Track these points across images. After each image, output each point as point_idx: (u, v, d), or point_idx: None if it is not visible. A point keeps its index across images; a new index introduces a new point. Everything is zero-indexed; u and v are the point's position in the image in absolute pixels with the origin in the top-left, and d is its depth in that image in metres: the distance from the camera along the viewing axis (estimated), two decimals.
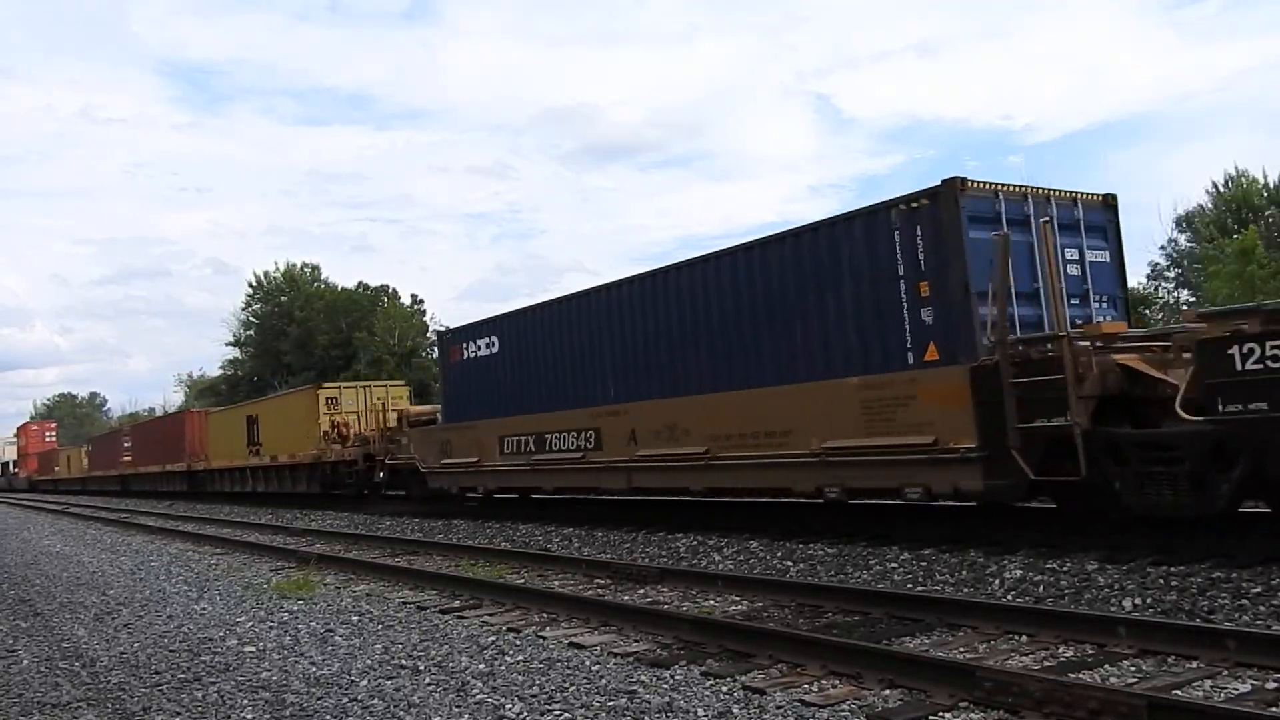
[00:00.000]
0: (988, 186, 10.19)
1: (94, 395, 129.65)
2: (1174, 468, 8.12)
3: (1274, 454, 7.41)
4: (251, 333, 70.85)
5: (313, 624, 8.47)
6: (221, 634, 8.24)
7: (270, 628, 8.42)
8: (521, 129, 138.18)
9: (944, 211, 9.89)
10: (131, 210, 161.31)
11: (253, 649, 7.54)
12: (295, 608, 9.41)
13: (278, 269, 70.37)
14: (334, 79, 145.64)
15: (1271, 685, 5.11)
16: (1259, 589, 7.07)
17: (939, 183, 10.05)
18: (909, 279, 10.20)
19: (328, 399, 26.00)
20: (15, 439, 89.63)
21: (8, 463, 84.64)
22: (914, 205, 10.16)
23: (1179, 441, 8.07)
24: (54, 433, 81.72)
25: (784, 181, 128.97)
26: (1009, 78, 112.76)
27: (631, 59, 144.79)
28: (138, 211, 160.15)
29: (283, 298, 68.46)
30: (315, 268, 70.88)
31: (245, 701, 6.01)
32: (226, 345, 73.89)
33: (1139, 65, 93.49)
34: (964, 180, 9.98)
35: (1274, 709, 4.74)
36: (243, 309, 71.42)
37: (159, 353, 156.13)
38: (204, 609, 9.67)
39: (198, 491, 35.46)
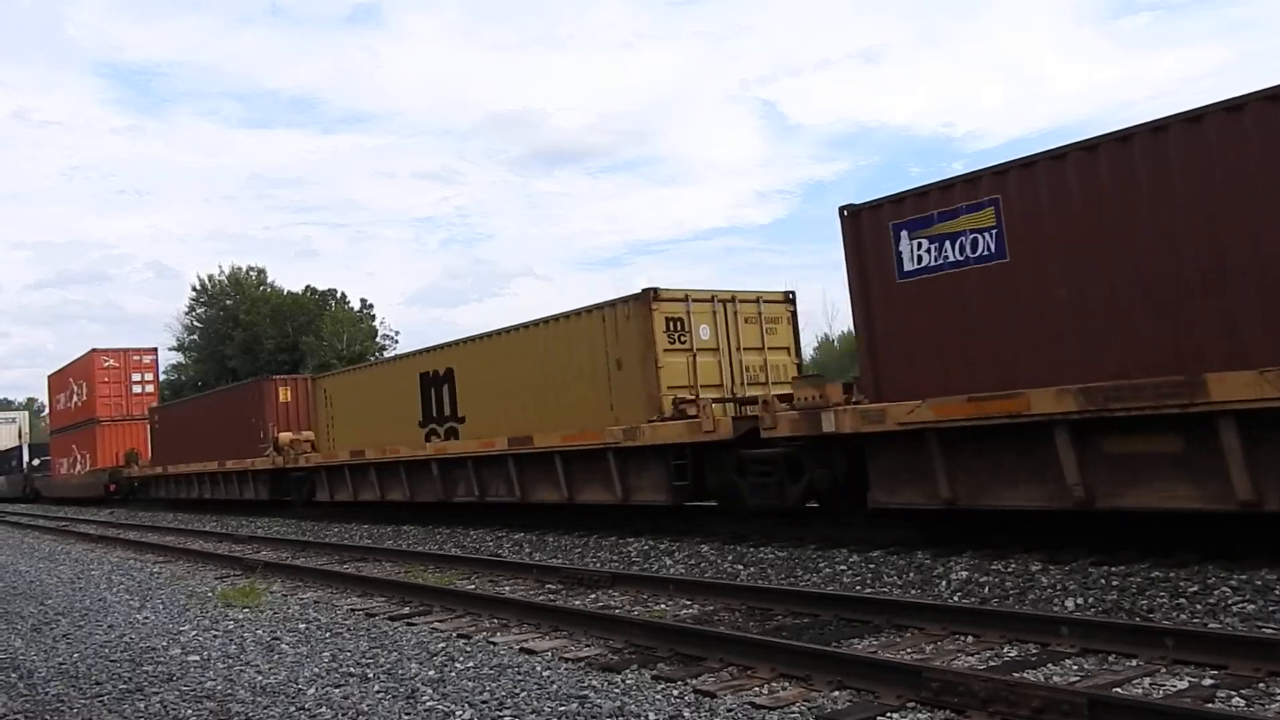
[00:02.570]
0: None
1: (32, 400, 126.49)
2: None
3: None
4: (195, 337, 69.64)
5: (259, 632, 8.35)
6: (164, 643, 8.08)
7: (215, 636, 8.28)
8: (467, 134, 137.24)
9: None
10: (68, 214, 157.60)
11: (197, 658, 7.41)
12: (241, 616, 9.27)
13: (222, 272, 69.34)
14: (276, 82, 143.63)
15: (1208, 682, 5.24)
16: (1196, 588, 7.25)
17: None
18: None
19: (669, 320, 13.74)
20: (15, 416, 60.45)
21: (14, 450, 52.02)
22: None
23: None
24: (153, 376, 41.17)
25: (732, 187, 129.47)
26: (950, 85, 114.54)
27: (576, 65, 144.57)
28: (75, 215, 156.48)
29: (228, 301, 67.44)
30: (261, 271, 69.88)
31: (189, 712, 5.91)
32: (170, 350, 72.56)
33: (1076, 74, 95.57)
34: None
35: (1210, 705, 4.87)
36: (186, 313, 70.23)
37: None
38: (146, 618, 9.48)
39: None
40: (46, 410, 56.88)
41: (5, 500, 49.51)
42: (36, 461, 48.81)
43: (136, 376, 40.63)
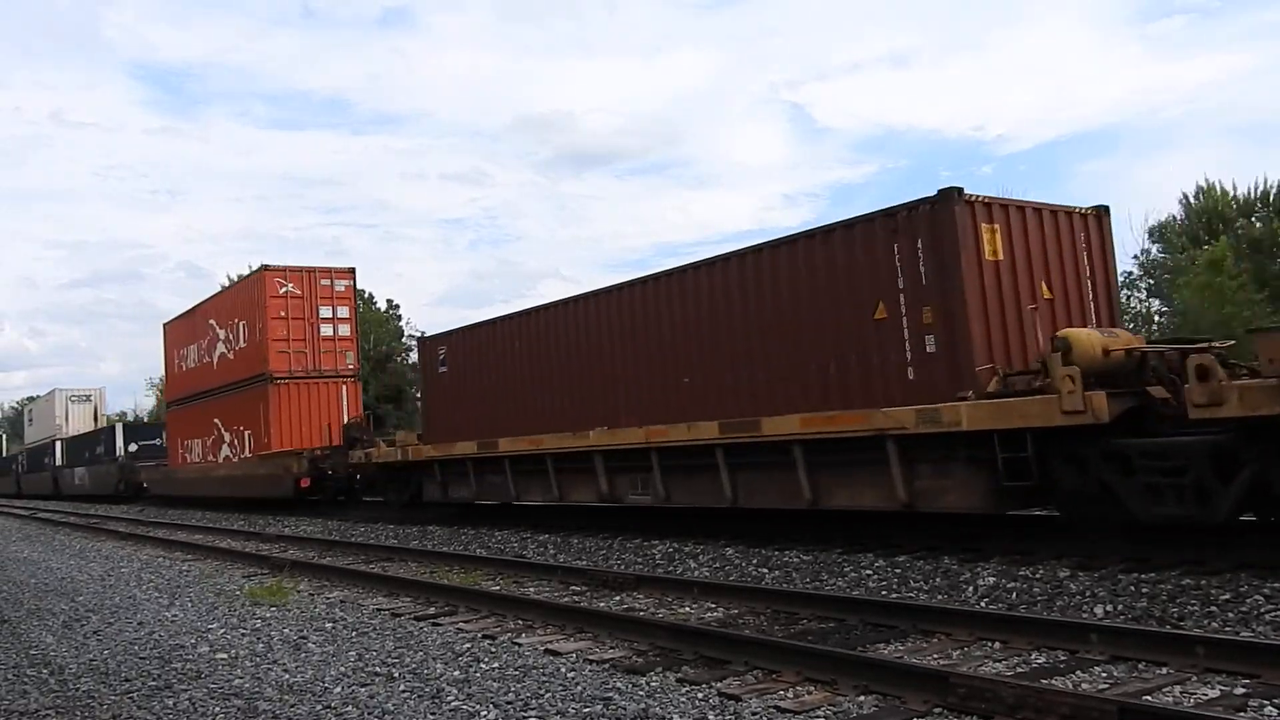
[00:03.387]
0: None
1: None
2: None
3: None
4: None
5: (286, 631, 8.41)
6: (193, 641, 8.16)
7: (243, 635, 8.35)
8: (497, 136, 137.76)
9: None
10: (103, 213, 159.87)
11: (225, 656, 7.47)
12: (268, 614, 9.34)
13: (253, 271, 69.92)
14: (309, 83, 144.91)
15: (1239, 691, 5.17)
16: (1228, 596, 7.15)
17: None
18: None
19: None
20: (90, 393, 48.86)
21: (99, 434, 40.38)
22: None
23: None
24: (349, 311, 25.93)
25: (760, 189, 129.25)
26: (981, 89, 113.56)
27: (605, 67, 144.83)
28: (109, 214, 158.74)
29: None
30: None
31: (217, 709, 5.96)
32: None
33: (1109, 78, 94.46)
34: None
35: (1241, 714, 4.80)
36: None
37: (130, 357, 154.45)
38: (175, 616, 9.57)
39: None
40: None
41: (93, 499, 37.67)
42: (133, 447, 36.57)
43: (327, 311, 25.21)
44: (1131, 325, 30.10)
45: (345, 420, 23.28)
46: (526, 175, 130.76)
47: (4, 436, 68.35)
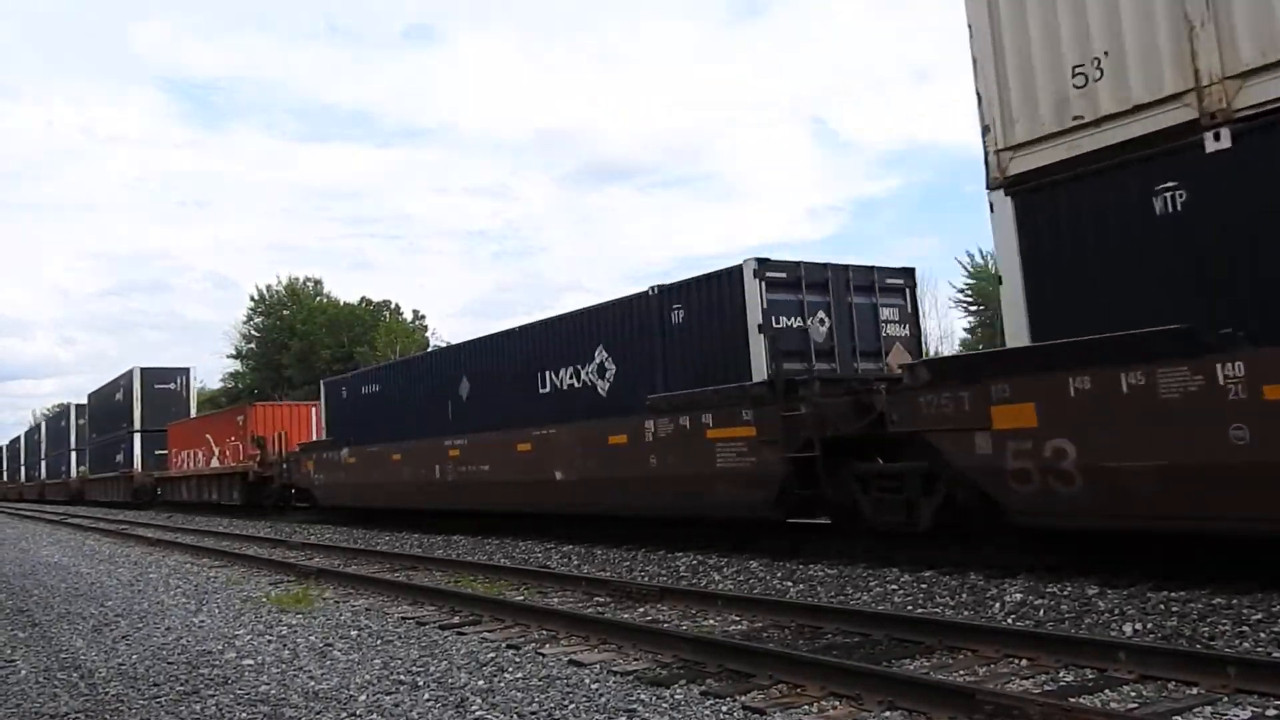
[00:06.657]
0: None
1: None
2: None
3: None
4: (253, 346, 71.01)
5: (311, 638, 8.46)
6: (220, 647, 8.23)
7: (269, 641, 8.41)
8: (521, 149, 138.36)
9: None
10: (132, 225, 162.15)
11: (251, 662, 7.53)
12: (294, 621, 9.40)
13: (280, 282, 70.62)
14: (334, 97, 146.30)
15: (1272, 712, 5.10)
16: (1259, 615, 7.06)
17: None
18: None
19: None
20: None
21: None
22: None
23: None
24: None
25: (783, 203, 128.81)
26: None
27: (628, 82, 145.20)
28: (138, 226, 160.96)
29: (285, 311, 68.71)
30: (318, 282, 71.21)
31: (244, 715, 6.01)
32: (228, 358, 73.99)
33: None
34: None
35: None
36: (244, 322, 71.64)
37: (159, 365, 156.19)
38: (202, 621, 9.65)
39: None
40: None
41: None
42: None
43: None
44: None
45: None
46: (550, 188, 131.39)
47: (138, 405, 38.00)
